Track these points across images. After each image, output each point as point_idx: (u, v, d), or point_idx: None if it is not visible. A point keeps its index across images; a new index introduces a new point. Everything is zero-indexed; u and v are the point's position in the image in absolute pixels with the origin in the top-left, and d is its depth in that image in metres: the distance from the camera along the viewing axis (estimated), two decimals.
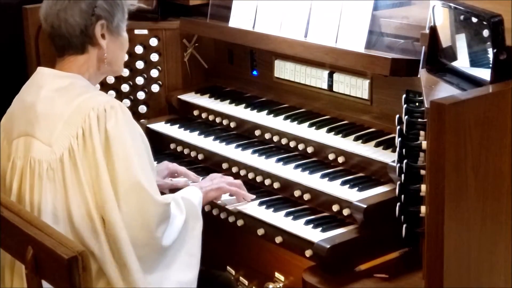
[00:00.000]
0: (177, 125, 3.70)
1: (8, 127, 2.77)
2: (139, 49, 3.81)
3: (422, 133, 2.51)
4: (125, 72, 3.79)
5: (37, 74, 2.79)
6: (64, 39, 2.72)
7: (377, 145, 3.08)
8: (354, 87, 3.31)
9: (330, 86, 3.40)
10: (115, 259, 2.61)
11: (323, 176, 3.08)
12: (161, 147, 3.62)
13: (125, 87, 3.87)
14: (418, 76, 2.72)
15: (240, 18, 3.64)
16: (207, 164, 3.50)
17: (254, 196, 3.14)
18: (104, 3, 2.73)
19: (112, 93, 3.83)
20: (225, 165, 3.39)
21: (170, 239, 2.72)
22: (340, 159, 3.14)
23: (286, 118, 3.41)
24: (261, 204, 3.12)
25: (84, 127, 2.60)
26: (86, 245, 2.57)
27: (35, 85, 2.75)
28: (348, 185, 2.99)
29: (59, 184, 2.62)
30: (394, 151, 2.94)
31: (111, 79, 3.84)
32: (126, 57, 2.97)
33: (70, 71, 2.73)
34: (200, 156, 3.53)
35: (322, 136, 3.23)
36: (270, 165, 3.23)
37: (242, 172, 3.31)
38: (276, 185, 3.19)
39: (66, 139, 2.61)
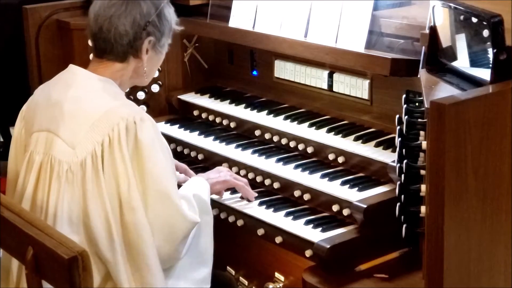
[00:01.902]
0: (177, 125, 3.70)
1: (29, 117, 2.75)
2: None
3: (422, 133, 2.51)
4: None
5: (69, 72, 2.76)
6: (109, 43, 2.70)
7: (377, 145, 3.09)
8: (354, 87, 3.32)
9: (330, 86, 3.40)
10: (130, 266, 2.60)
11: (323, 176, 3.08)
12: None
13: None
14: (418, 76, 2.72)
15: (240, 18, 3.64)
16: (207, 164, 3.50)
17: (256, 194, 3.14)
18: (157, 20, 2.72)
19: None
20: (225, 165, 3.38)
21: (186, 247, 2.73)
22: (340, 159, 3.14)
23: (286, 118, 3.42)
24: (261, 204, 3.12)
25: (111, 136, 2.58)
26: (99, 251, 2.58)
27: (64, 83, 2.73)
28: (348, 185, 2.99)
29: (78, 187, 2.60)
30: (394, 151, 2.95)
31: None
32: None
33: (104, 74, 2.71)
34: (200, 156, 3.53)
35: (322, 136, 3.23)
36: (270, 165, 3.23)
37: (242, 172, 3.32)
38: (276, 185, 3.19)
39: (91, 144, 2.59)
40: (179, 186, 3.00)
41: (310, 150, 3.24)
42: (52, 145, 2.64)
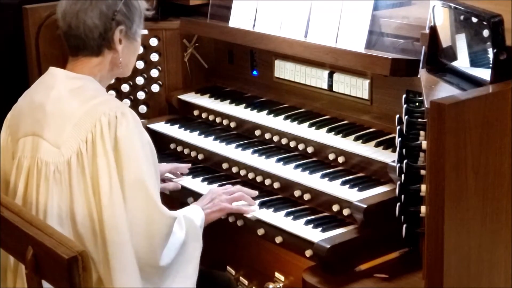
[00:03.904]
0: (177, 125, 3.70)
1: (14, 125, 2.76)
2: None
3: (422, 133, 2.51)
4: None
5: (48, 74, 2.77)
6: (80, 40, 2.70)
7: (377, 145, 3.08)
8: (354, 87, 3.31)
9: (330, 86, 3.40)
10: (108, 265, 2.58)
11: (323, 176, 3.07)
12: (161, 147, 3.62)
13: (125, 87, 3.87)
14: (418, 76, 2.72)
15: (240, 18, 3.64)
16: (207, 164, 3.50)
17: (256, 204, 3.11)
18: (124, 8, 2.71)
19: (112, 93, 3.83)
20: (225, 165, 3.39)
21: (168, 258, 2.70)
22: (340, 159, 3.14)
23: (286, 118, 3.41)
24: (261, 204, 3.11)
25: (94, 132, 2.58)
26: (87, 248, 2.56)
27: (45, 85, 2.74)
28: (348, 185, 2.99)
29: (65, 186, 2.61)
30: (394, 151, 2.94)
31: None
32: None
33: (82, 72, 2.72)
34: (200, 156, 3.53)
35: (322, 136, 3.23)
36: (270, 165, 3.23)
37: (242, 172, 3.32)
38: (276, 185, 3.19)
39: (75, 143, 2.60)
40: (170, 197, 2.98)
41: (310, 150, 3.24)
42: (38, 148, 2.65)
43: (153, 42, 3.83)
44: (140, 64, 3.84)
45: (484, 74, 2.39)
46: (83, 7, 2.68)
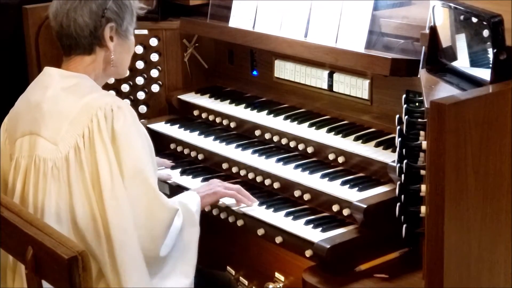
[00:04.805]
0: (177, 125, 3.70)
1: (11, 127, 2.77)
2: (139, 49, 3.81)
3: (422, 133, 2.51)
4: None
5: (44, 75, 2.78)
6: (72, 39, 2.72)
7: (377, 145, 3.09)
8: (354, 87, 3.31)
9: (330, 86, 3.40)
10: (115, 262, 2.59)
11: (323, 176, 3.08)
12: (161, 147, 3.62)
13: (125, 87, 3.87)
14: (418, 76, 2.72)
15: (240, 18, 3.64)
16: (207, 164, 3.50)
17: (257, 201, 3.11)
18: (114, 6, 2.72)
19: (112, 93, 3.82)
20: (225, 165, 3.39)
21: (167, 248, 2.71)
22: (340, 159, 3.14)
23: (286, 118, 3.41)
24: (261, 204, 3.11)
25: (91, 127, 2.59)
26: (88, 246, 2.57)
27: (41, 85, 2.75)
28: (348, 185, 2.99)
29: (64, 183, 2.61)
30: (394, 151, 2.95)
31: (111, 79, 3.83)
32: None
33: (76, 71, 2.73)
34: (200, 156, 3.53)
35: (322, 136, 3.23)
36: (270, 165, 3.23)
37: (242, 172, 3.32)
38: (276, 185, 3.19)
39: (72, 138, 2.61)
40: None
41: (310, 150, 3.24)
42: (36, 146, 2.66)
43: (153, 42, 3.83)
44: (140, 64, 3.85)
45: (484, 74, 2.39)
46: (73, 6, 2.70)
